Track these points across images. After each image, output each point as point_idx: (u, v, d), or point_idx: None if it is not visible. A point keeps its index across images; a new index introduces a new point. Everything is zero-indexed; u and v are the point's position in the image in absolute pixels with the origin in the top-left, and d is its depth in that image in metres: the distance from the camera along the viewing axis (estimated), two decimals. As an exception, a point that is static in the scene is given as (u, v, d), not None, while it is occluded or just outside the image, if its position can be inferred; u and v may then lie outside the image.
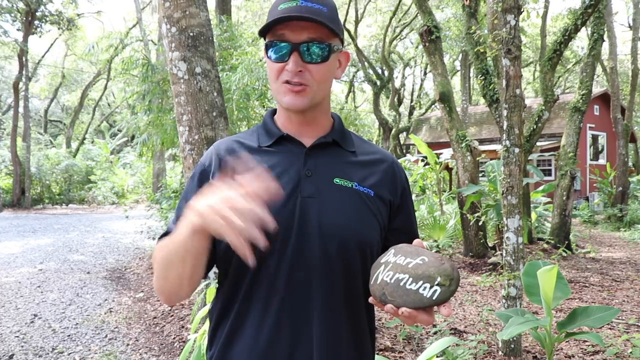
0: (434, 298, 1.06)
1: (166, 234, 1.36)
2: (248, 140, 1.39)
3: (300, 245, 1.25)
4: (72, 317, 5.85)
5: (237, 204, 1.01)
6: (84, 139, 29.95)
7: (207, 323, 3.33)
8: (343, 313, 1.29)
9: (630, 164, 19.76)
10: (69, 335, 5.23)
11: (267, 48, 1.29)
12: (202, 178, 1.35)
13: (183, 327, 5.39)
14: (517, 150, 4.23)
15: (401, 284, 1.09)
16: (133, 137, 23.76)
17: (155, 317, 5.81)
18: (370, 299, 1.16)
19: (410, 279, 1.08)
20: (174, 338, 5.11)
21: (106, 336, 5.22)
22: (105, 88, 32.34)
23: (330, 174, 1.32)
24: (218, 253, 1.31)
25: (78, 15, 25.14)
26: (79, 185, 21.36)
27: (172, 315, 5.79)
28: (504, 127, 4.28)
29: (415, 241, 1.19)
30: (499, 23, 4.22)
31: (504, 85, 4.25)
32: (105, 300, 6.61)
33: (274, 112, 1.44)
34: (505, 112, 4.25)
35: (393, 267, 1.12)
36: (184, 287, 1.24)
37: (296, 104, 1.28)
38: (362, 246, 1.29)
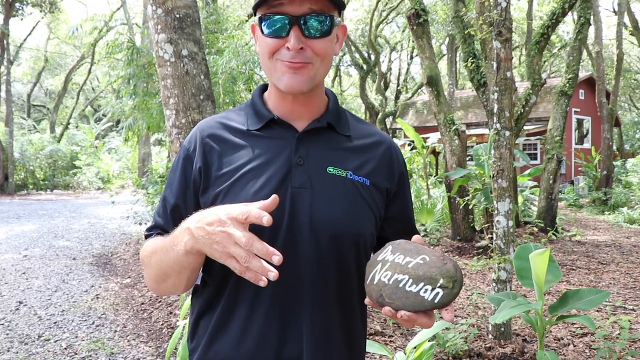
0: (435, 301, 0.99)
1: (152, 228, 1.30)
2: (235, 121, 1.28)
3: (290, 240, 1.16)
4: (58, 303, 5.78)
5: (233, 233, 0.96)
6: (68, 123, 29.57)
7: (190, 315, 3.30)
8: (335, 311, 1.22)
9: (614, 147, 19.92)
10: (55, 323, 5.17)
11: (260, 21, 1.17)
12: (186, 164, 1.26)
13: (171, 313, 5.35)
14: (507, 133, 4.21)
15: (400, 285, 1.01)
16: (118, 122, 23.53)
17: (142, 303, 5.76)
18: (366, 300, 1.09)
19: (411, 281, 1.00)
20: (162, 324, 5.07)
21: (93, 323, 5.17)
22: (90, 72, 31.87)
23: (323, 162, 1.23)
24: None
25: (60, -3, 24.69)
26: (63, 171, 21.12)
27: (159, 302, 5.75)
28: (495, 110, 4.26)
29: (415, 237, 1.11)
30: (489, 5, 4.17)
31: (494, 68, 4.22)
32: (92, 286, 6.54)
33: (264, 88, 1.33)
34: (496, 95, 4.22)
35: (391, 267, 1.04)
36: (180, 290, 1.22)
37: (297, 84, 1.17)
38: (357, 241, 1.22)
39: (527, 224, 10.30)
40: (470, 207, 8.65)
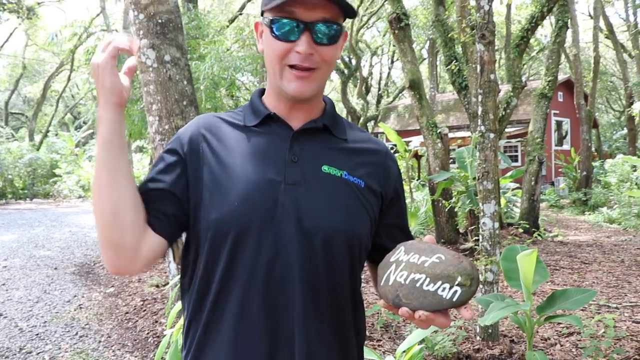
0: (454, 299, 0.98)
1: None
2: (233, 118, 1.29)
3: (281, 237, 1.14)
4: (40, 315, 5.68)
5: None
6: (48, 131, 29.17)
7: (183, 319, 3.26)
8: (327, 315, 1.18)
9: (593, 149, 20.18)
10: (37, 334, 5.08)
11: (271, 23, 1.16)
12: (178, 153, 1.22)
13: (157, 321, 5.28)
14: (492, 135, 4.24)
15: (417, 284, 1.00)
16: (98, 129, 23.25)
17: (127, 313, 5.68)
18: (381, 302, 1.07)
19: (428, 280, 0.99)
20: (148, 333, 5.01)
21: (77, 333, 5.09)
22: (69, 79, 31.49)
23: (318, 160, 1.21)
24: (189, 242, 1.23)
25: (38, 3, 24.42)
26: (43, 179, 20.83)
27: (144, 310, 5.68)
28: (479, 112, 4.28)
29: (427, 237, 1.10)
30: (469, 9, 4.20)
31: (478, 70, 4.24)
32: (75, 296, 6.44)
33: (262, 91, 1.33)
34: (480, 98, 4.24)
35: (407, 267, 1.03)
36: (118, 224, 1.12)
37: (303, 91, 1.18)
38: (351, 242, 1.19)
39: (510, 225, 10.38)
40: (454, 209, 8.69)
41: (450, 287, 0.98)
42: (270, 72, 1.21)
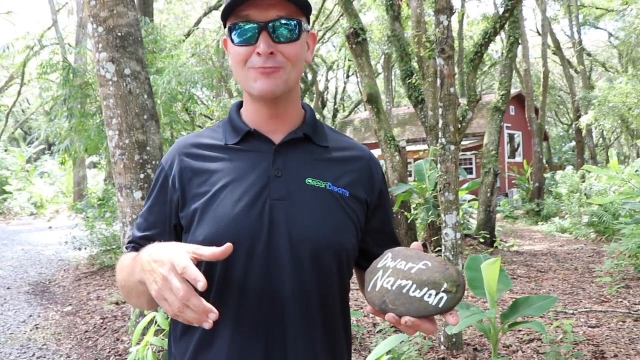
0: (440, 306, 0.99)
1: (130, 242, 1.30)
2: (212, 138, 1.28)
3: (270, 254, 1.15)
4: (-6, 336, 5.48)
5: (171, 280, 0.94)
6: (-4, 147, 28.25)
7: (149, 334, 3.20)
8: (318, 326, 1.20)
9: (544, 161, 20.80)
10: (-9, 356, 4.89)
11: (230, 32, 1.18)
12: (164, 183, 1.26)
13: (118, 339, 5.15)
14: (452, 147, 4.33)
15: (404, 290, 1.01)
16: (51, 145, 22.67)
17: (87, 331, 5.52)
18: (368, 308, 1.09)
19: (414, 286, 1.00)
20: (109, 352, 4.87)
21: (34, 354, 4.91)
22: (19, 93, 30.58)
23: (301, 173, 1.22)
24: None
25: (-15, 16, 23.74)
26: (-8, 196, 20.13)
27: (105, 328, 5.53)
28: (440, 125, 4.37)
29: (414, 244, 1.12)
30: (434, 23, 4.30)
31: (438, 84, 4.34)
32: (30, 316, 6.22)
33: (240, 104, 1.33)
34: (440, 111, 4.34)
35: (393, 273, 1.04)
36: (145, 308, 1.26)
37: (269, 88, 1.17)
38: (338, 252, 1.21)
39: (468, 236, 10.58)
40: (413, 221, 8.81)
41: (437, 294, 0.99)
42: (239, 80, 1.22)
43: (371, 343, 4.62)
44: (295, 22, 1.18)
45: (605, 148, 34.20)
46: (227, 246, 0.99)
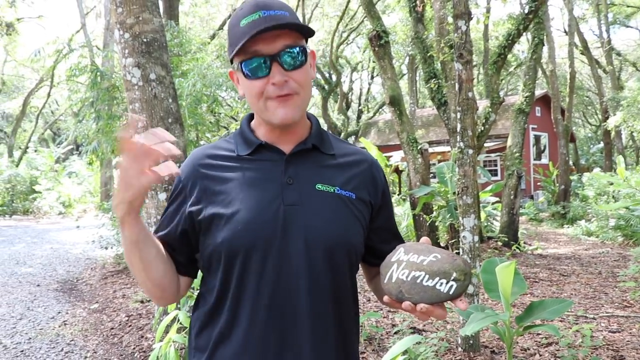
0: (450, 293, 1.11)
1: None
2: (225, 149, 1.38)
3: (285, 255, 1.25)
4: (24, 331, 5.65)
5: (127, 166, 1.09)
6: (27, 147, 28.89)
7: (171, 331, 3.30)
8: (331, 321, 1.30)
9: (570, 162, 20.54)
10: (22, 351, 5.06)
11: (241, 68, 1.26)
12: (179, 192, 1.36)
13: (142, 336, 5.29)
14: (470, 151, 4.36)
15: (418, 281, 1.12)
16: (78, 146, 23.11)
17: (112, 328, 5.68)
18: (385, 298, 1.19)
19: (427, 276, 1.12)
20: (134, 348, 5.02)
21: (62, 350, 5.08)
22: (49, 95, 31.28)
23: (311, 180, 1.32)
24: (203, 263, 1.36)
25: (18, 19, 24.33)
26: (22, 196, 20.55)
27: (130, 326, 5.68)
28: (458, 129, 4.41)
29: (423, 239, 1.21)
30: (452, 28, 4.33)
31: (456, 88, 4.38)
32: (59, 312, 6.41)
33: (251, 117, 1.42)
34: (458, 115, 4.37)
35: (407, 265, 1.15)
36: (157, 285, 1.31)
37: (289, 117, 1.26)
38: (349, 251, 1.31)
39: (491, 239, 10.53)
40: (435, 223, 8.82)
41: (447, 282, 1.11)
42: (257, 110, 1.31)
43: (389, 344, 4.67)
44: (299, 48, 1.26)
45: (636, 150, 33.63)
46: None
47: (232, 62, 1.29)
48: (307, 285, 1.26)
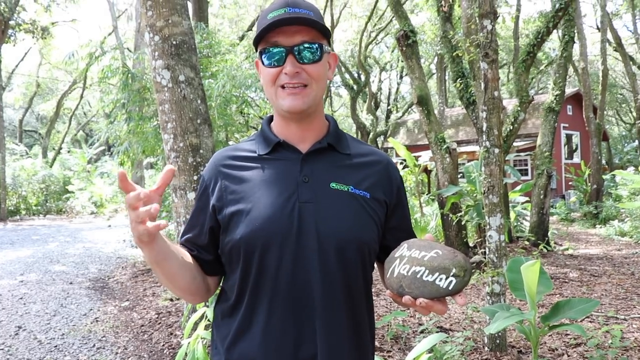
0: (449, 288, 1.13)
1: (180, 243, 1.49)
2: (246, 150, 1.45)
3: (300, 248, 1.31)
4: (58, 327, 5.82)
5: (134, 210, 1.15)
6: (60, 148, 29.57)
7: (199, 328, 3.37)
8: (344, 313, 1.35)
9: (603, 161, 20.16)
10: (55, 346, 5.21)
11: (261, 55, 1.36)
12: (204, 192, 1.44)
13: (172, 334, 5.40)
14: (497, 150, 4.35)
15: (418, 276, 1.15)
16: (110, 146, 23.53)
17: (142, 325, 5.81)
18: (387, 292, 1.23)
19: (427, 271, 1.14)
20: (163, 345, 5.13)
21: (94, 345, 5.21)
22: (82, 97, 31.98)
23: (326, 179, 1.37)
24: (224, 260, 1.43)
25: (52, 23, 24.90)
26: (56, 196, 21.05)
27: (159, 323, 5.80)
28: (484, 128, 4.40)
29: (427, 235, 1.26)
30: (475, 28, 4.32)
31: (482, 88, 4.36)
32: (91, 309, 6.58)
33: (271, 118, 1.49)
34: (484, 114, 4.36)
35: (409, 261, 1.18)
36: (184, 291, 1.42)
37: (297, 105, 1.34)
38: (361, 248, 1.36)
39: (520, 238, 10.42)
40: (463, 223, 8.76)
41: (447, 278, 1.14)
42: (269, 97, 1.39)
43: (415, 342, 4.68)
44: (317, 45, 1.35)
45: (671, 148, 32.81)
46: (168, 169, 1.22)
47: (257, 50, 1.38)
48: (320, 279, 1.31)
